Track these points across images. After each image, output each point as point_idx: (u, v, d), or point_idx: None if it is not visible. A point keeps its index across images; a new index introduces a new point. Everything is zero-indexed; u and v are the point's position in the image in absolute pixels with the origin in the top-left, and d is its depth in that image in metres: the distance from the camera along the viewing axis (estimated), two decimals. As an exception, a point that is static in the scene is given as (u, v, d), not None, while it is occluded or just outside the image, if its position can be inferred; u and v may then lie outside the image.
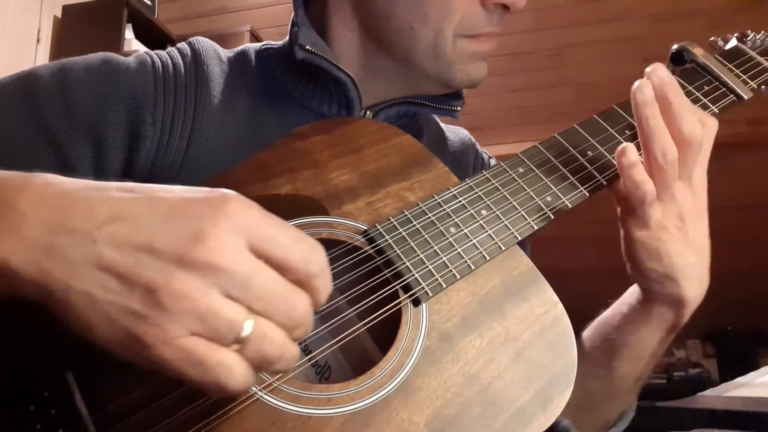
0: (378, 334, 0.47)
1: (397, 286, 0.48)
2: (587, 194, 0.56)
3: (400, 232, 0.51)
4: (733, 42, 0.71)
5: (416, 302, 0.48)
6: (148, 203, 0.33)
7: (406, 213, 0.52)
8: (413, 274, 0.48)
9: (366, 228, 0.51)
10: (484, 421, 0.43)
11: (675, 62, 0.66)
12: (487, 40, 0.63)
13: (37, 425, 0.36)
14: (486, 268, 0.51)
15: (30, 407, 0.37)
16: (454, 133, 0.79)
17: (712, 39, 0.71)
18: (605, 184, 0.56)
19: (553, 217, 0.54)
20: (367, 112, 0.67)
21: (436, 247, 0.50)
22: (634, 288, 0.62)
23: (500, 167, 0.57)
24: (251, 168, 0.53)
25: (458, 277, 0.49)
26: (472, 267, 0.50)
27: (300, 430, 0.40)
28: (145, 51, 0.63)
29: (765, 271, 2.70)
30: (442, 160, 0.57)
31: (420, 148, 0.58)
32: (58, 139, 0.54)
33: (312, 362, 0.48)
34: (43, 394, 0.38)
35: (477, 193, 0.54)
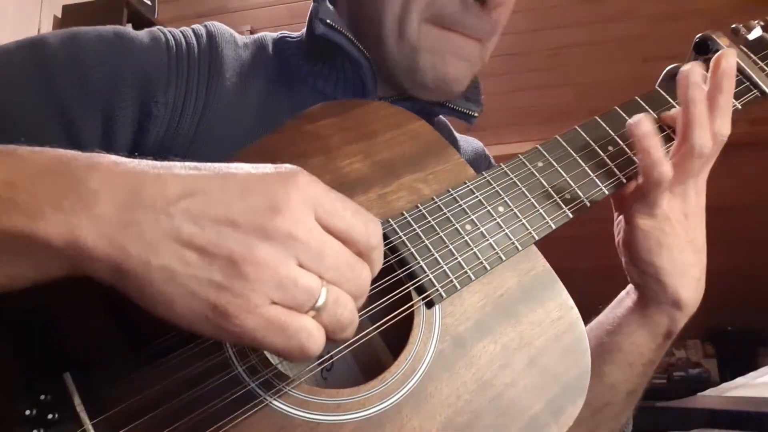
0: (388, 333, 0.46)
1: (411, 287, 0.46)
2: (607, 192, 0.54)
3: (414, 229, 0.48)
4: (758, 31, 0.67)
5: (429, 304, 0.46)
6: (219, 179, 0.34)
7: (421, 208, 0.50)
8: (427, 275, 0.47)
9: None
10: (496, 429, 0.43)
11: (698, 51, 0.63)
12: (457, 34, 0.59)
13: (34, 430, 0.35)
14: (501, 269, 0.49)
15: (26, 411, 0.36)
16: (467, 143, 0.77)
17: (734, 26, 0.67)
18: (625, 182, 0.54)
19: (572, 216, 0.52)
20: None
21: (451, 246, 0.48)
22: (629, 290, 0.61)
23: (519, 160, 0.54)
24: (258, 152, 0.50)
25: (473, 278, 0.48)
26: (488, 268, 0.48)
27: None
28: (158, 27, 0.61)
29: (765, 271, 2.70)
30: None
31: (436, 136, 0.56)
32: (71, 113, 0.52)
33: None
34: (41, 398, 0.36)
35: (494, 188, 0.52)
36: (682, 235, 0.55)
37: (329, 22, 0.60)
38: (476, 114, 0.68)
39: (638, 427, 0.66)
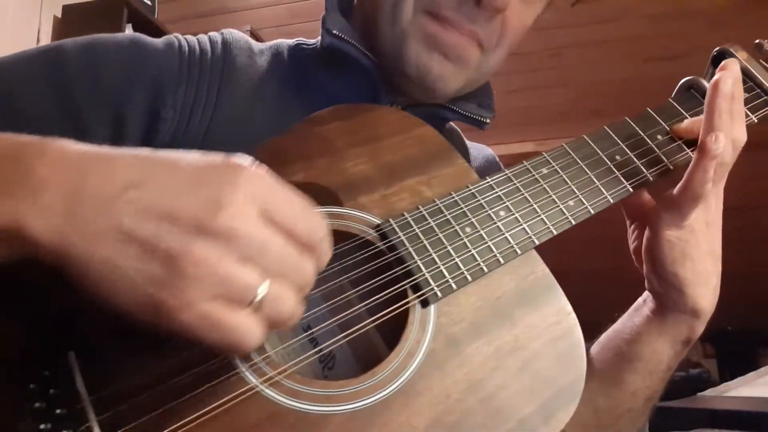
0: (386, 329, 0.46)
1: (406, 285, 0.47)
2: (612, 201, 0.54)
3: (414, 229, 0.49)
4: None
5: (425, 303, 0.47)
6: (165, 168, 0.34)
7: (421, 209, 0.50)
8: (423, 274, 0.47)
9: (379, 222, 0.49)
10: (485, 430, 0.43)
11: (715, 65, 0.62)
12: (450, 29, 0.58)
13: (36, 403, 0.36)
14: (499, 272, 0.49)
15: (30, 385, 0.37)
16: (478, 150, 0.77)
17: (757, 41, 0.67)
18: (632, 191, 0.55)
19: (574, 223, 0.52)
20: (394, 107, 0.65)
21: (449, 247, 0.49)
22: (646, 298, 0.61)
23: (523, 167, 0.55)
24: (266, 152, 0.50)
25: (470, 279, 0.48)
26: (486, 270, 0.49)
27: (298, 426, 0.39)
28: (175, 34, 0.63)
29: (765, 271, 2.70)
30: None
31: (441, 142, 0.56)
32: (81, 114, 0.54)
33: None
34: (44, 373, 0.38)
35: (497, 192, 0.53)
36: (704, 245, 0.55)
37: (336, 32, 0.61)
38: (488, 120, 0.68)
39: (638, 427, 0.66)
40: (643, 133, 0.58)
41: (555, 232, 0.52)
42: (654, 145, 0.57)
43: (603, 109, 2.73)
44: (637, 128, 0.58)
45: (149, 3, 2.80)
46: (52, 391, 0.37)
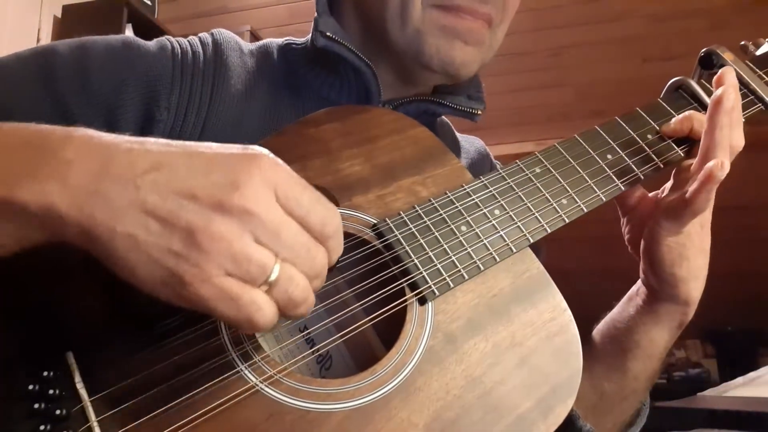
0: (382, 329, 0.47)
1: (404, 283, 0.47)
2: (604, 199, 0.55)
3: (410, 228, 0.50)
4: (766, 47, 0.69)
5: (422, 301, 0.47)
6: (187, 155, 0.36)
7: (417, 209, 0.51)
8: (421, 273, 0.48)
9: (375, 222, 0.50)
10: (484, 426, 0.43)
11: (703, 66, 0.64)
12: (464, 16, 0.59)
13: (35, 404, 0.36)
14: (495, 270, 0.50)
15: (29, 386, 0.37)
16: (469, 143, 0.78)
17: (743, 43, 0.69)
18: (623, 189, 0.56)
19: (567, 221, 0.53)
20: (386, 106, 0.66)
21: (445, 246, 0.49)
22: (638, 289, 0.63)
23: (516, 166, 0.55)
24: None
25: (467, 277, 0.48)
26: (482, 268, 0.49)
27: (298, 424, 0.40)
28: (166, 37, 0.63)
29: (765, 271, 2.70)
30: None
31: (435, 142, 0.57)
32: (73, 115, 0.54)
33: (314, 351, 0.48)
34: (43, 374, 0.38)
35: (491, 191, 0.53)
36: (698, 244, 0.58)
37: (329, 34, 0.61)
38: (479, 112, 0.69)
39: (638, 427, 0.67)
40: (633, 132, 0.59)
41: (549, 230, 0.52)
42: (644, 144, 0.58)
43: (603, 109, 2.73)
44: (628, 128, 0.59)
45: (149, 3, 2.80)
46: (51, 392, 0.37)
